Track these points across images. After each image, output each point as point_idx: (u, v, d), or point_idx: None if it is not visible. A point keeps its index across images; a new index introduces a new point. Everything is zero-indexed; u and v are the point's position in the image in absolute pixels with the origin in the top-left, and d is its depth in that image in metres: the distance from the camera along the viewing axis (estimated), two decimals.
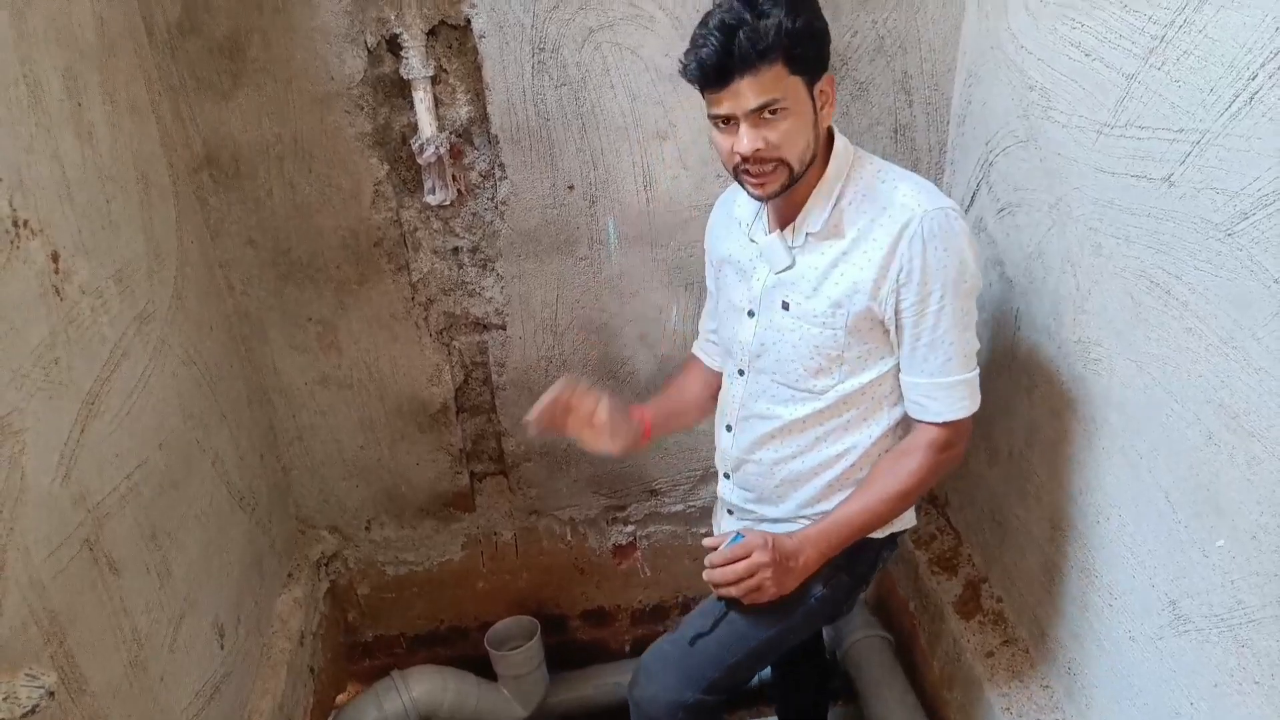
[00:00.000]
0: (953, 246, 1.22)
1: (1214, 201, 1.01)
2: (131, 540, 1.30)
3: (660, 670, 1.48)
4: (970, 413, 1.30)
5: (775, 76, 1.15)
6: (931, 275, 1.22)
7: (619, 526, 2.21)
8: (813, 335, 1.31)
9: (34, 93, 1.15)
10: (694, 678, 1.44)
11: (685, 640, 1.47)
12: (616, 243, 1.82)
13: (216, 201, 1.68)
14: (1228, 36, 0.97)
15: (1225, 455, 1.05)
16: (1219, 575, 1.08)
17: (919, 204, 1.22)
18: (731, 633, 1.44)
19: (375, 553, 2.15)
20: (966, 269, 1.24)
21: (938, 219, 1.21)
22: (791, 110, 1.18)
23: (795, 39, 1.13)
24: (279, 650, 1.80)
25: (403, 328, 1.86)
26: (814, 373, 1.34)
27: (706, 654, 1.45)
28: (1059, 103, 1.33)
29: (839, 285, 1.27)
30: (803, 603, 1.42)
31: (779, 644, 1.47)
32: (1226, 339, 1.02)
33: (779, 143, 1.19)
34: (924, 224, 1.21)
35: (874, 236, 1.24)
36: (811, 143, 1.22)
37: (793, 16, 1.12)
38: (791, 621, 1.44)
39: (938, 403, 1.29)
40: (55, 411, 1.14)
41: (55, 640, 1.09)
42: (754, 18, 1.12)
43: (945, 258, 1.21)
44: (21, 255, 1.09)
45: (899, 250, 1.22)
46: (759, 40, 1.12)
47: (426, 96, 1.62)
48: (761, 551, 1.31)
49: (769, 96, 1.16)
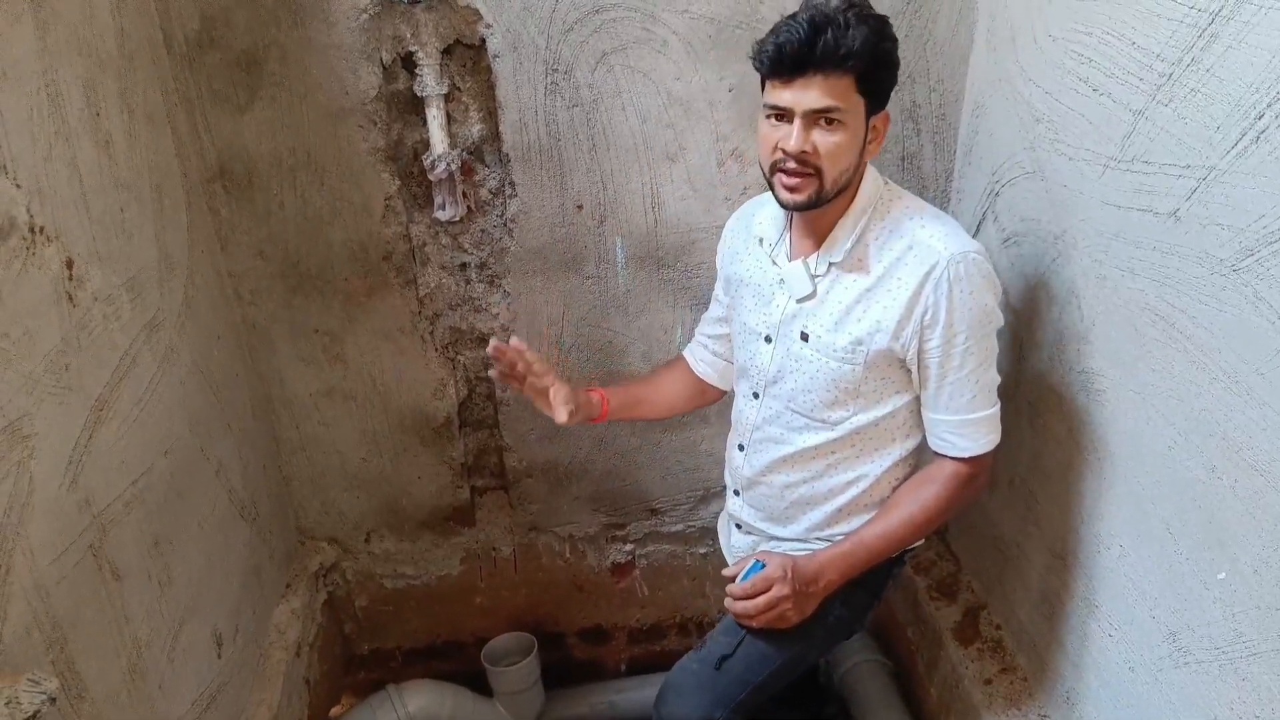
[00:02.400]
0: (978, 290, 1.23)
1: (1219, 237, 1.02)
2: (135, 547, 1.31)
3: (690, 690, 1.49)
4: (993, 446, 1.33)
5: (845, 87, 1.17)
6: (957, 318, 1.23)
7: (618, 545, 2.21)
8: (831, 369, 1.31)
9: (54, 102, 1.16)
10: (722, 698, 1.45)
11: (712, 660, 1.47)
12: (624, 262, 1.83)
13: (228, 212, 1.69)
14: (1235, 76, 0.98)
15: (1227, 488, 1.05)
16: (1220, 608, 1.08)
17: (946, 247, 1.23)
18: (756, 653, 1.45)
19: (374, 565, 2.15)
20: (991, 311, 1.26)
21: (964, 264, 1.22)
22: (848, 126, 1.19)
23: (875, 59, 1.17)
24: (275, 661, 1.80)
25: (409, 341, 1.87)
26: (829, 404, 1.34)
27: (733, 675, 1.45)
28: (1066, 136, 1.35)
29: (861, 323, 1.28)
30: (822, 622, 1.43)
31: (802, 662, 1.49)
32: (1230, 373, 1.03)
33: (826, 152, 1.20)
34: (950, 269, 1.22)
35: (899, 276, 1.25)
36: (851, 167, 1.24)
37: (879, 38, 1.16)
38: (813, 640, 1.46)
39: (963, 439, 1.31)
40: (64, 417, 1.15)
41: (57, 646, 1.10)
42: (844, 24, 1.14)
43: (971, 301, 1.23)
44: (37, 261, 1.10)
45: (924, 293, 1.23)
46: (843, 44, 1.13)
47: (439, 114, 1.64)
48: (782, 584, 1.33)
49: (833, 102, 1.17)
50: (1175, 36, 1.07)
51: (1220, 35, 1.00)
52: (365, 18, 1.56)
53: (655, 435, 2.04)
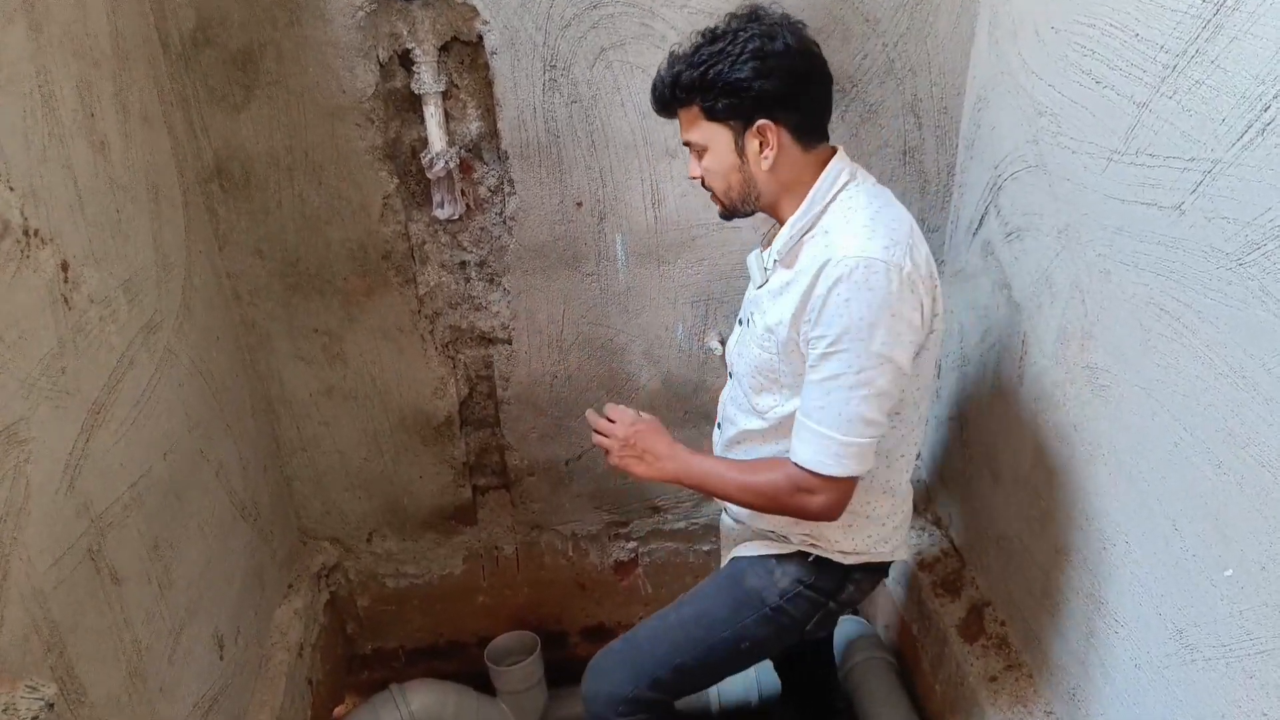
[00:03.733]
0: (859, 298, 1.17)
1: (1225, 231, 1.01)
2: (134, 550, 1.30)
3: (607, 666, 1.53)
4: (829, 472, 1.23)
5: (691, 119, 1.28)
6: (827, 318, 1.19)
7: (621, 543, 2.20)
8: (754, 355, 1.36)
9: (48, 103, 1.15)
10: (638, 673, 1.48)
11: (636, 640, 1.52)
12: (624, 259, 1.82)
13: (226, 212, 1.68)
14: (1240, 67, 0.97)
15: (1234, 484, 1.04)
16: (1227, 605, 1.07)
17: (849, 246, 1.19)
18: (684, 636, 1.48)
19: (376, 565, 2.14)
20: (872, 329, 1.17)
21: (857, 266, 1.17)
22: (711, 151, 1.28)
23: (704, 88, 1.23)
24: (278, 662, 1.79)
25: (408, 340, 1.86)
26: (758, 390, 1.38)
27: (653, 652, 1.49)
28: (1069, 129, 1.33)
29: (771, 314, 1.30)
30: (756, 611, 1.45)
31: (734, 651, 1.48)
32: (1236, 368, 1.02)
33: (705, 176, 1.32)
34: (840, 267, 1.18)
35: (809, 270, 1.23)
36: (741, 184, 1.29)
37: (697, 69, 1.22)
38: (743, 629, 1.45)
39: (800, 442, 1.26)
40: (61, 421, 1.14)
41: (56, 651, 1.09)
42: (669, 67, 1.27)
43: (847, 307, 1.17)
44: (32, 264, 1.10)
45: (815, 286, 1.20)
46: (663, 89, 1.28)
47: (437, 111, 1.63)
48: (623, 426, 1.43)
49: (687, 136, 1.30)
50: (1179, 28, 1.06)
51: (1225, 26, 0.99)
52: (362, 15, 1.55)
53: None
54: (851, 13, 1.61)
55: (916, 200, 1.81)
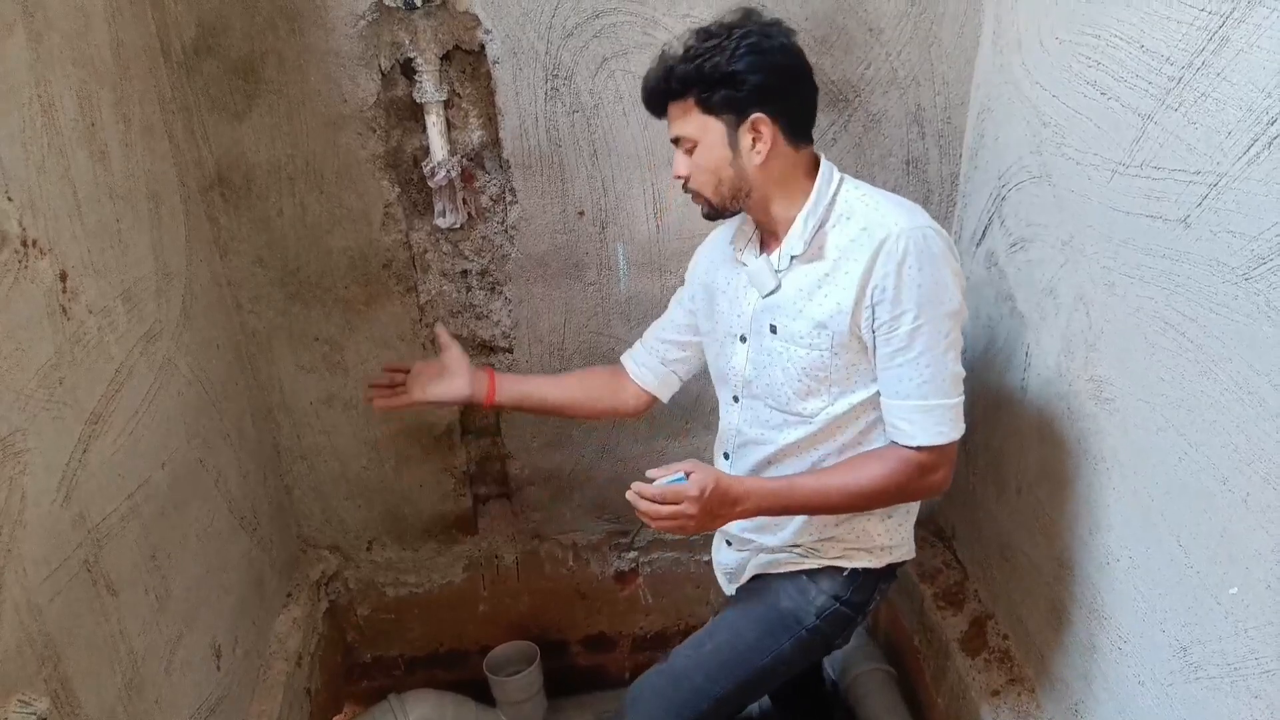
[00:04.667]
0: (928, 265, 1.20)
1: (1230, 245, 1.00)
2: (131, 561, 1.29)
3: (649, 703, 1.47)
4: (950, 440, 1.27)
5: (684, 112, 1.26)
6: (905, 294, 1.20)
7: (622, 552, 2.19)
8: (800, 357, 1.30)
9: (48, 113, 1.15)
10: (679, 707, 1.44)
11: (673, 672, 1.47)
12: (626, 269, 1.81)
13: (226, 220, 1.68)
14: (1246, 80, 0.96)
15: (1240, 501, 1.03)
16: (1231, 623, 1.06)
17: (896, 222, 1.21)
18: (719, 665, 1.44)
19: (376, 574, 2.14)
20: (945, 290, 1.22)
21: (914, 237, 1.20)
22: (701, 146, 1.27)
23: (687, 82, 1.23)
24: (276, 671, 1.78)
25: (409, 349, 1.86)
26: (803, 395, 1.33)
27: (694, 687, 1.44)
28: (1073, 140, 1.33)
29: (823, 306, 1.27)
30: (792, 634, 1.42)
31: (770, 676, 1.46)
32: (1241, 383, 1.01)
33: (691, 174, 1.30)
34: (899, 242, 1.20)
35: (854, 256, 1.23)
36: (731, 179, 1.28)
37: (692, 62, 1.22)
38: (780, 653, 1.43)
39: (914, 426, 1.26)
40: (58, 432, 1.14)
41: (50, 664, 1.08)
42: (660, 64, 1.26)
43: (920, 276, 1.20)
44: (30, 274, 1.09)
45: (875, 268, 1.21)
46: (655, 81, 1.27)
47: (439, 120, 1.63)
48: (693, 504, 1.23)
49: (677, 132, 1.29)
50: (1185, 39, 1.05)
51: (1231, 38, 0.98)
52: (363, 24, 1.54)
53: (659, 443, 2.02)
54: (855, 22, 1.60)
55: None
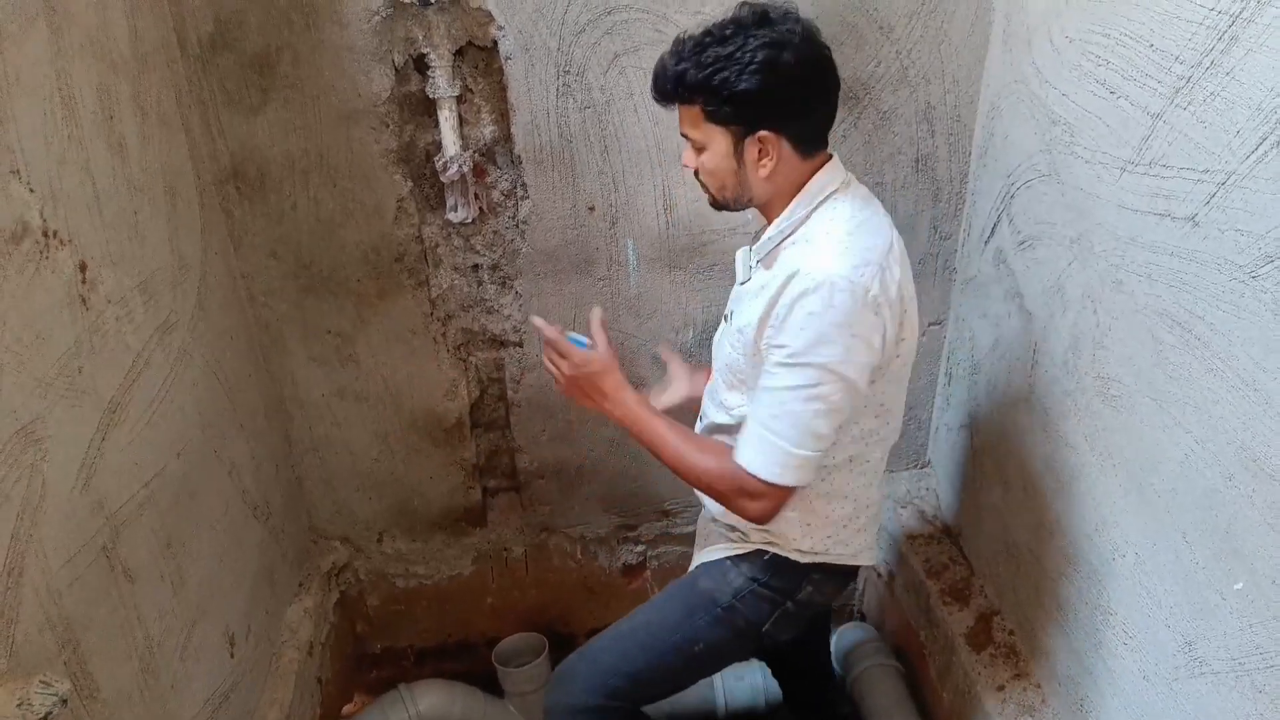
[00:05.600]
0: (824, 315, 1.17)
1: (1238, 243, 1.01)
2: (147, 548, 1.31)
3: (566, 677, 1.54)
4: (777, 482, 1.24)
5: (692, 117, 1.24)
6: (789, 329, 1.19)
7: (629, 546, 2.21)
8: (727, 353, 1.37)
9: (68, 106, 1.17)
10: (593, 683, 1.49)
11: (590, 651, 1.54)
12: (636, 264, 1.82)
13: (241, 213, 1.70)
14: (1255, 79, 0.97)
15: (1245, 497, 1.04)
16: (1237, 619, 1.07)
17: (820, 264, 1.19)
18: (635, 643, 1.49)
19: (386, 565, 2.16)
20: (827, 344, 1.18)
21: (827, 283, 1.17)
22: (709, 150, 1.25)
23: (696, 91, 1.20)
24: (288, 660, 1.80)
25: (420, 342, 1.87)
26: (728, 386, 1.39)
27: (607, 661, 1.50)
28: (1082, 138, 1.33)
29: (746, 314, 1.31)
30: (708, 613, 1.45)
31: (687, 655, 1.47)
32: (1249, 381, 1.01)
33: (700, 171, 1.29)
34: (808, 281, 1.17)
35: (779, 277, 1.22)
36: (734, 185, 1.28)
37: (703, 70, 1.17)
38: (694, 631, 1.46)
39: (748, 446, 1.26)
40: (77, 420, 1.15)
41: (69, 647, 1.10)
42: (674, 61, 1.21)
43: (808, 320, 1.18)
44: (50, 265, 1.11)
45: (781, 296, 1.20)
46: (664, 81, 1.23)
47: (451, 115, 1.64)
48: (570, 367, 1.37)
49: (686, 130, 1.27)
50: (1194, 39, 1.06)
51: (1240, 38, 0.99)
52: (378, 20, 1.56)
53: None
54: (865, 20, 1.61)
55: (929, 208, 1.81)
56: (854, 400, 1.25)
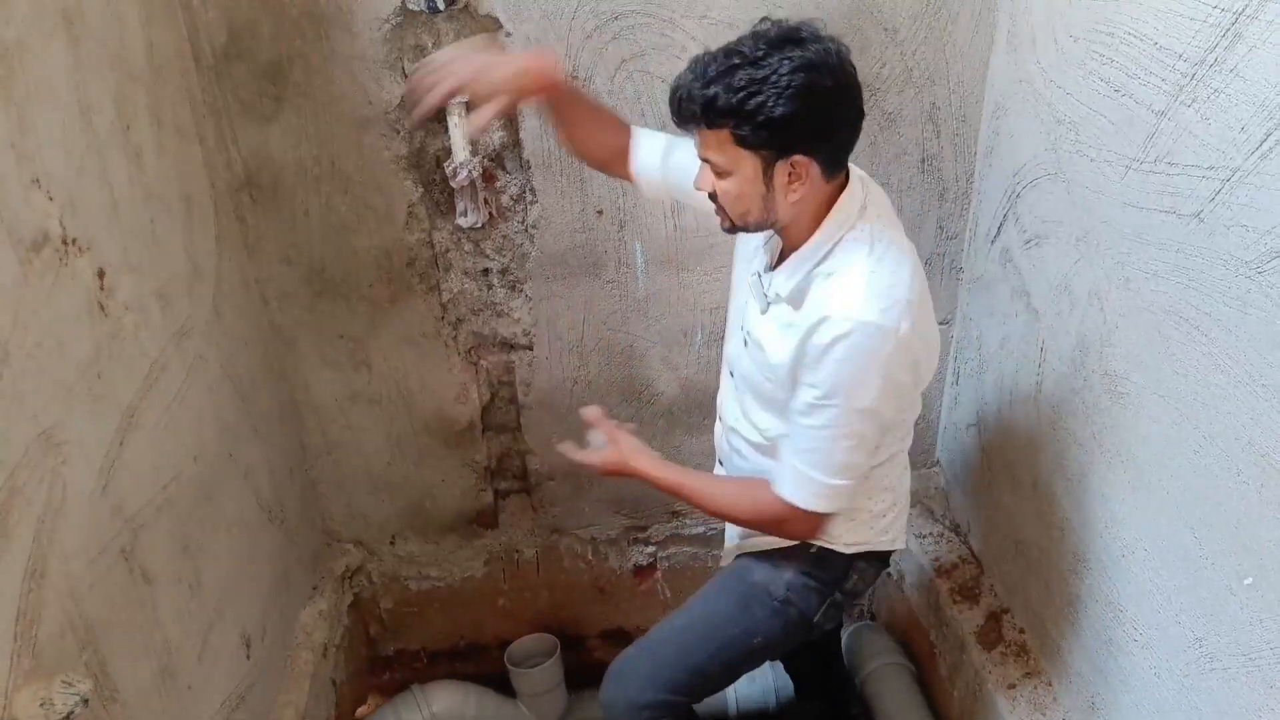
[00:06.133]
0: (857, 359, 1.18)
1: (1244, 239, 1.01)
2: (165, 551, 1.33)
3: (625, 673, 1.54)
4: (811, 509, 1.28)
5: (719, 141, 1.16)
6: (822, 372, 1.20)
7: (640, 547, 2.22)
8: (758, 380, 1.35)
9: (86, 116, 1.19)
10: (656, 678, 1.49)
11: (650, 645, 1.54)
12: (644, 267, 1.84)
13: (255, 220, 1.72)
14: (1259, 76, 0.97)
15: (1254, 493, 1.04)
16: (1247, 614, 1.07)
17: (851, 308, 1.17)
18: (694, 636, 1.50)
19: (399, 567, 2.17)
20: (863, 389, 1.19)
21: (855, 332, 1.16)
22: (734, 175, 1.18)
23: (727, 115, 1.12)
24: (303, 662, 1.82)
25: (432, 346, 1.89)
26: (761, 406, 1.38)
27: (668, 656, 1.50)
28: (1087, 137, 1.34)
29: (776, 351, 1.27)
30: (763, 605, 1.46)
31: (745, 647, 1.49)
32: (1255, 376, 1.02)
33: (720, 195, 1.22)
34: (840, 326, 1.17)
35: (807, 319, 1.21)
36: (758, 210, 1.21)
37: (735, 94, 1.10)
38: (753, 624, 1.47)
39: (784, 478, 1.30)
40: (97, 424, 1.17)
41: (90, 648, 1.12)
42: (699, 84, 1.13)
43: (840, 366, 1.18)
44: (70, 272, 1.13)
45: (812, 338, 1.20)
46: (691, 104, 1.14)
47: (461, 121, 1.65)
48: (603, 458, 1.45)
49: (709, 155, 1.19)
50: (1198, 36, 1.06)
51: (1244, 35, 0.99)
52: (388, 28, 1.58)
53: (676, 438, 2.04)
54: (870, 22, 1.62)
55: (935, 208, 1.82)
56: (885, 426, 1.28)
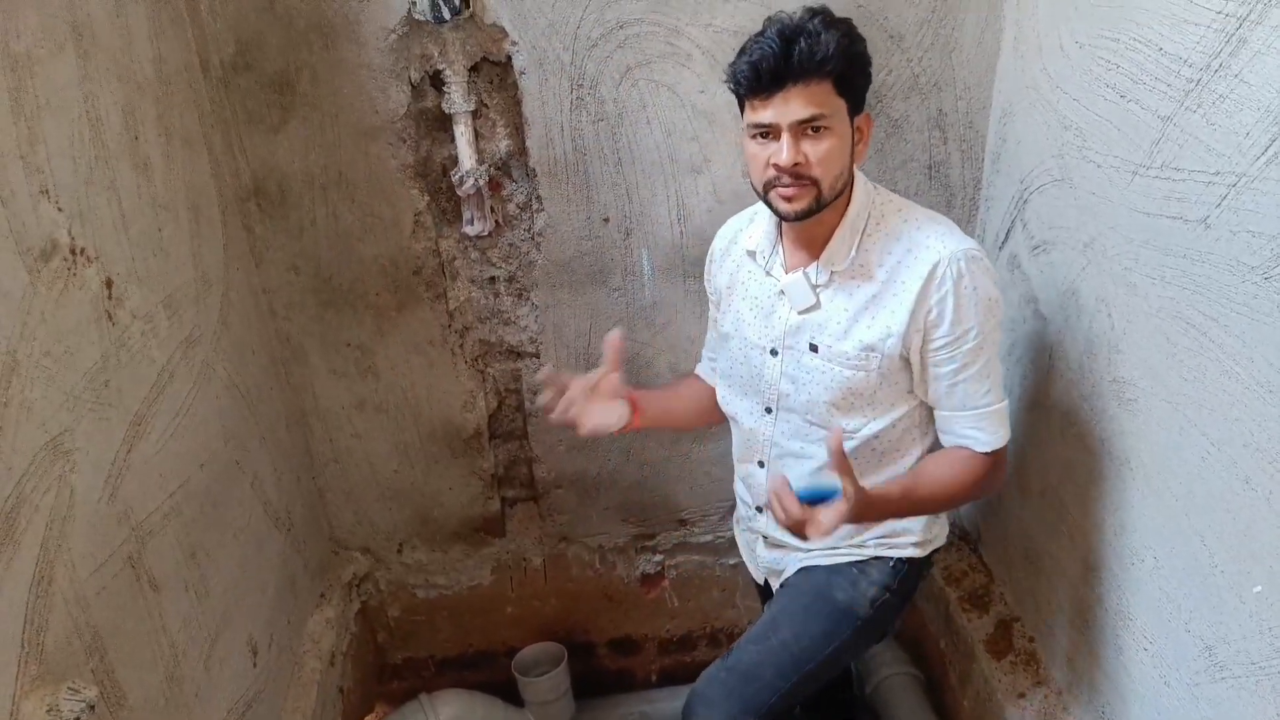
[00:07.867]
0: (982, 285, 1.24)
1: (1250, 245, 1.01)
2: (172, 558, 1.34)
3: (718, 698, 1.47)
4: (1005, 441, 1.33)
5: (825, 93, 1.17)
6: (965, 315, 1.24)
7: (647, 555, 2.21)
8: (844, 377, 1.31)
9: (95, 127, 1.20)
10: (751, 702, 1.45)
11: (742, 668, 1.48)
12: (650, 274, 1.84)
13: (262, 229, 1.73)
14: (1264, 81, 0.97)
15: (1263, 500, 1.03)
16: (1256, 622, 1.06)
17: (944, 246, 1.25)
18: (789, 660, 1.45)
19: (406, 575, 2.17)
20: (996, 301, 1.27)
21: (964, 260, 1.24)
22: (834, 131, 1.19)
23: (850, 60, 1.17)
24: (310, 670, 1.82)
25: (439, 354, 1.90)
26: (844, 413, 1.35)
27: (763, 681, 1.46)
28: (1094, 143, 1.33)
29: (871, 329, 1.28)
30: (851, 625, 1.45)
31: (833, 667, 1.49)
32: (1263, 383, 1.01)
33: (817, 160, 1.19)
34: (951, 266, 1.23)
35: (903, 280, 1.25)
36: (845, 171, 1.24)
37: (850, 39, 1.17)
38: (842, 645, 1.46)
39: (984, 433, 1.31)
40: (104, 432, 1.18)
41: (96, 655, 1.13)
42: (814, 31, 1.14)
43: (975, 295, 1.24)
44: (78, 282, 1.14)
45: (929, 293, 1.24)
46: (818, 50, 1.13)
47: (467, 130, 1.67)
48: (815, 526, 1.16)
49: (818, 110, 1.17)
50: (1203, 42, 1.06)
51: (1249, 40, 0.99)
52: (394, 38, 1.59)
53: (684, 446, 2.04)
54: (876, 29, 1.62)
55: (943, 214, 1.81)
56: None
